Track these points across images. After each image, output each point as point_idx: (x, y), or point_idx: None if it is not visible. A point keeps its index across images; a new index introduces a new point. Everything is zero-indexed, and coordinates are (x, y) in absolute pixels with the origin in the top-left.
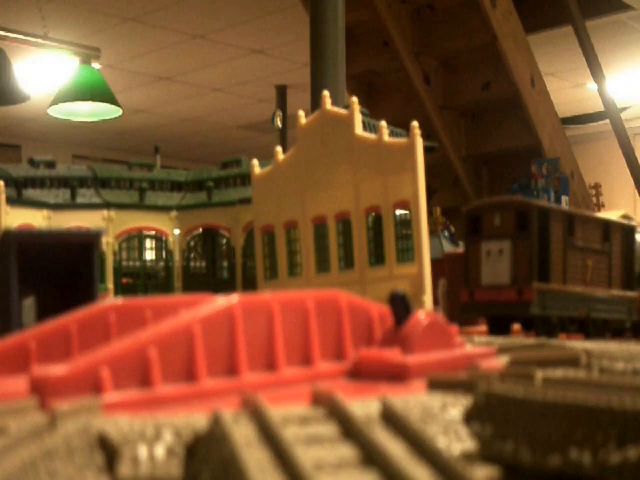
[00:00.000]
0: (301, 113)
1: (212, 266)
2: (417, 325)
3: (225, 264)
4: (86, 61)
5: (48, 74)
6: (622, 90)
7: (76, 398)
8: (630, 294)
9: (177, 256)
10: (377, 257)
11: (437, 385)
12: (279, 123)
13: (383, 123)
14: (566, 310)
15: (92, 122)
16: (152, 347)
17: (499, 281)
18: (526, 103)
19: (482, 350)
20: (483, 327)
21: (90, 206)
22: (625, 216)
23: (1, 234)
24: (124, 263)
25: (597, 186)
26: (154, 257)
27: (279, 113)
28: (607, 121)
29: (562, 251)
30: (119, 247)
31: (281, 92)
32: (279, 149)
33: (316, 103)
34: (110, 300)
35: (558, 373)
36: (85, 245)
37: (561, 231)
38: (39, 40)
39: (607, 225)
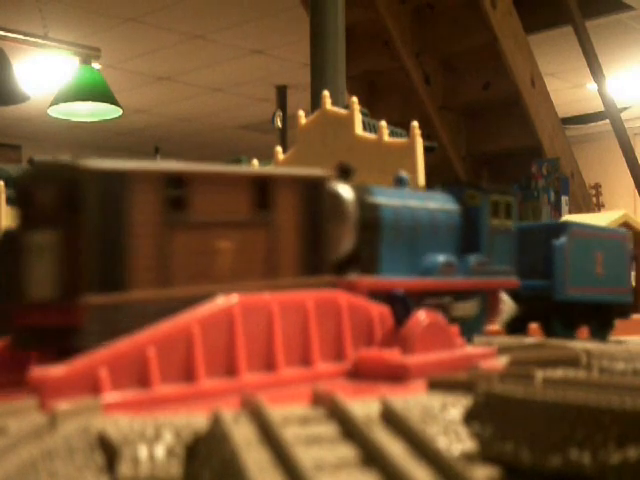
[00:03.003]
0: (301, 113)
1: None
2: (417, 325)
3: None
4: (86, 61)
5: (48, 74)
6: (622, 90)
7: (75, 398)
8: (317, 280)
9: None
10: None
11: (437, 385)
12: (279, 123)
13: (383, 123)
14: None
15: (92, 122)
16: (151, 347)
17: (42, 294)
18: (526, 103)
19: (482, 350)
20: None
21: None
22: (625, 216)
23: (1, 234)
24: None
25: (597, 186)
26: None
27: (279, 113)
28: (607, 121)
29: (158, 236)
30: None
31: (281, 92)
32: (279, 149)
33: (316, 103)
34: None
35: (558, 373)
36: None
37: (156, 204)
38: (39, 40)
39: (262, 183)
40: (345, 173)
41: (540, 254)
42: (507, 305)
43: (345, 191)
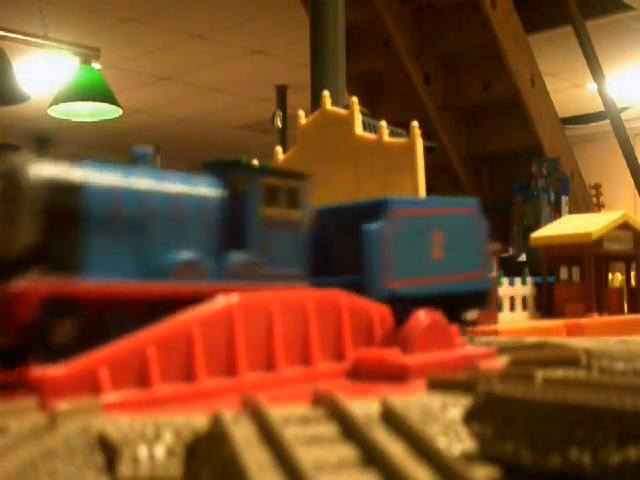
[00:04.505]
0: (301, 113)
1: None
2: (417, 325)
3: None
4: (86, 61)
5: (48, 74)
6: (622, 90)
7: (75, 398)
8: None
9: None
10: None
11: (437, 385)
12: (279, 123)
13: (383, 123)
14: None
15: (92, 122)
16: (151, 347)
17: None
18: (526, 103)
19: (482, 350)
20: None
21: None
22: (625, 216)
23: None
24: None
25: (597, 186)
26: None
27: (279, 113)
28: (607, 121)
29: None
30: None
31: (281, 92)
32: (279, 149)
33: (316, 103)
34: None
35: (558, 373)
36: None
37: None
38: (39, 40)
39: None
40: (41, 142)
41: (353, 242)
42: None
43: (28, 166)
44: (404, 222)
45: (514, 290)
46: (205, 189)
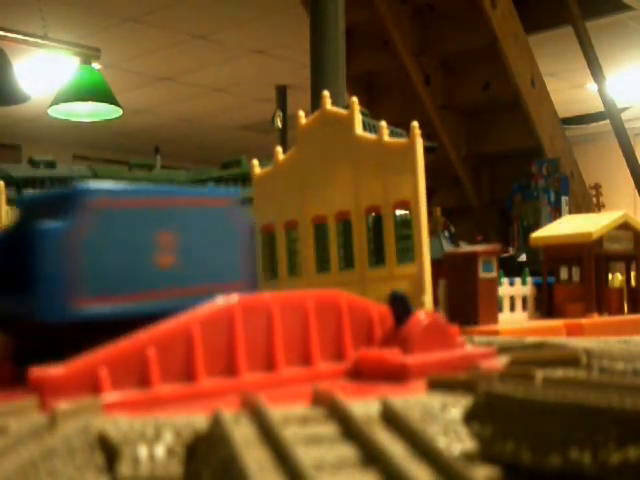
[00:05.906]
0: (301, 113)
1: None
2: (417, 325)
3: None
4: (86, 61)
5: (48, 74)
6: (622, 90)
7: (75, 398)
8: None
9: None
10: (377, 257)
11: (437, 385)
12: (279, 123)
13: (383, 123)
14: None
15: (92, 122)
16: (151, 347)
17: None
18: (526, 103)
19: (482, 350)
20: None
21: None
22: (625, 216)
23: None
24: None
25: (597, 186)
26: None
27: (279, 113)
28: (607, 121)
29: None
30: None
31: (281, 92)
32: (279, 149)
33: (316, 103)
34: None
35: (558, 373)
36: None
37: None
38: (39, 40)
39: None
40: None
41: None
42: None
43: None
44: (108, 218)
45: (514, 290)
46: None
